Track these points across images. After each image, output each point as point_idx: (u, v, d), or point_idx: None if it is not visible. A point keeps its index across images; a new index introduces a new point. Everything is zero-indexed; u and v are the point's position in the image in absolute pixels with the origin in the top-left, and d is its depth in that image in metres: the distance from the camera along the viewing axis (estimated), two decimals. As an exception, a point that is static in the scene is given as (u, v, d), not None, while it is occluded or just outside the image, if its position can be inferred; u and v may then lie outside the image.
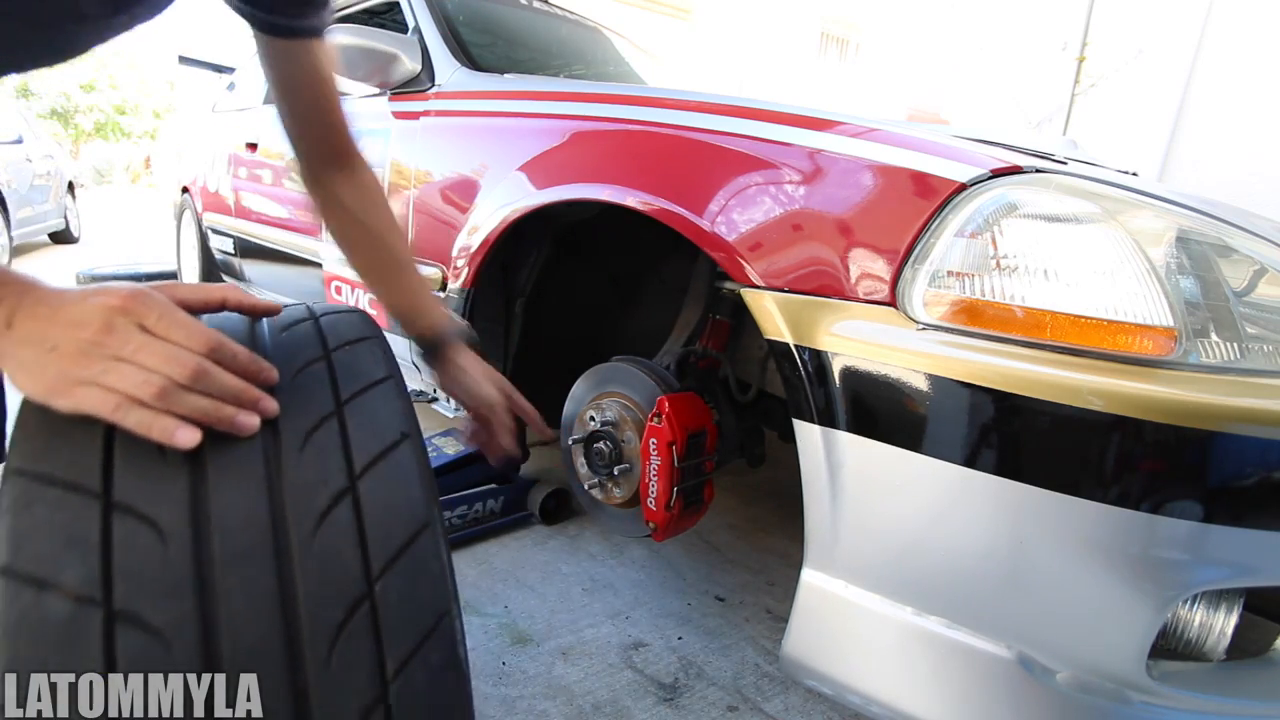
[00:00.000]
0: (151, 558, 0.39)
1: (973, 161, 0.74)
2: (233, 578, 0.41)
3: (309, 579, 0.42)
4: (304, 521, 0.44)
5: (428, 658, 0.45)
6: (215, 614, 0.41)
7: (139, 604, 0.40)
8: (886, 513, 0.70)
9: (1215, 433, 0.58)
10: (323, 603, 0.42)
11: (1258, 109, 4.51)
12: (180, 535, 0.40)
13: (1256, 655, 0.72)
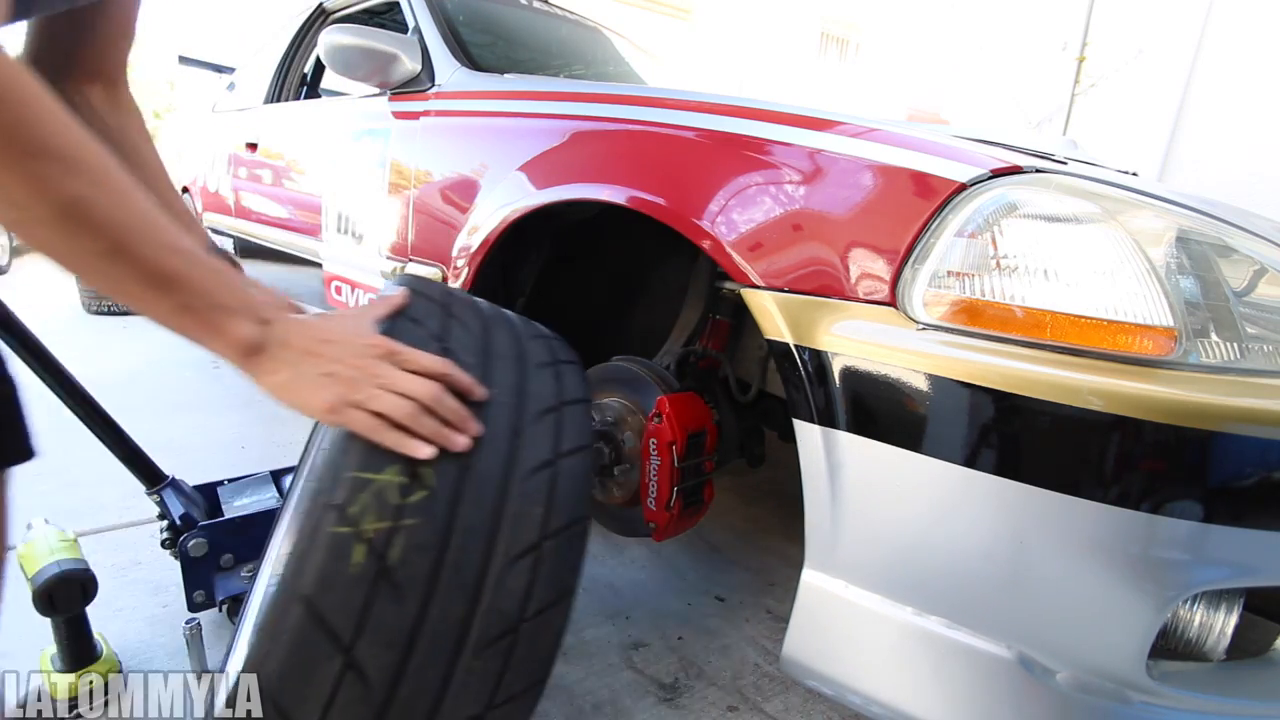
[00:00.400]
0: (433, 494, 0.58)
1: (973, 161, 0.74)
2: (469, 504, 0.58)
3: (511, 521, 0.60)
4: (520, 474, 0.62)
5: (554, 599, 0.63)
6: (454, 527, 0.58)
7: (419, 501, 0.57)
8: (887, 513, 0.70)
9: (1215, 433, 0.58)
10: (512, 541, 0.60)
11: (1258, 109, 4.51)
12: (446, 482, 0.58)
13: (1256, 655, 0.72)
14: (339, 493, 0.55)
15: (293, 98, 2.33)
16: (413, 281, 0.76)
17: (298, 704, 0.54)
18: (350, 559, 0.54)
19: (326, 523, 0.54)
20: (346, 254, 1.68)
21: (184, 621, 0.94)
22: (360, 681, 0.55)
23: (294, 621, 0.53)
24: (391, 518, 0.56)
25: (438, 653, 0.58)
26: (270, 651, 0.54)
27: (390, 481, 0.56)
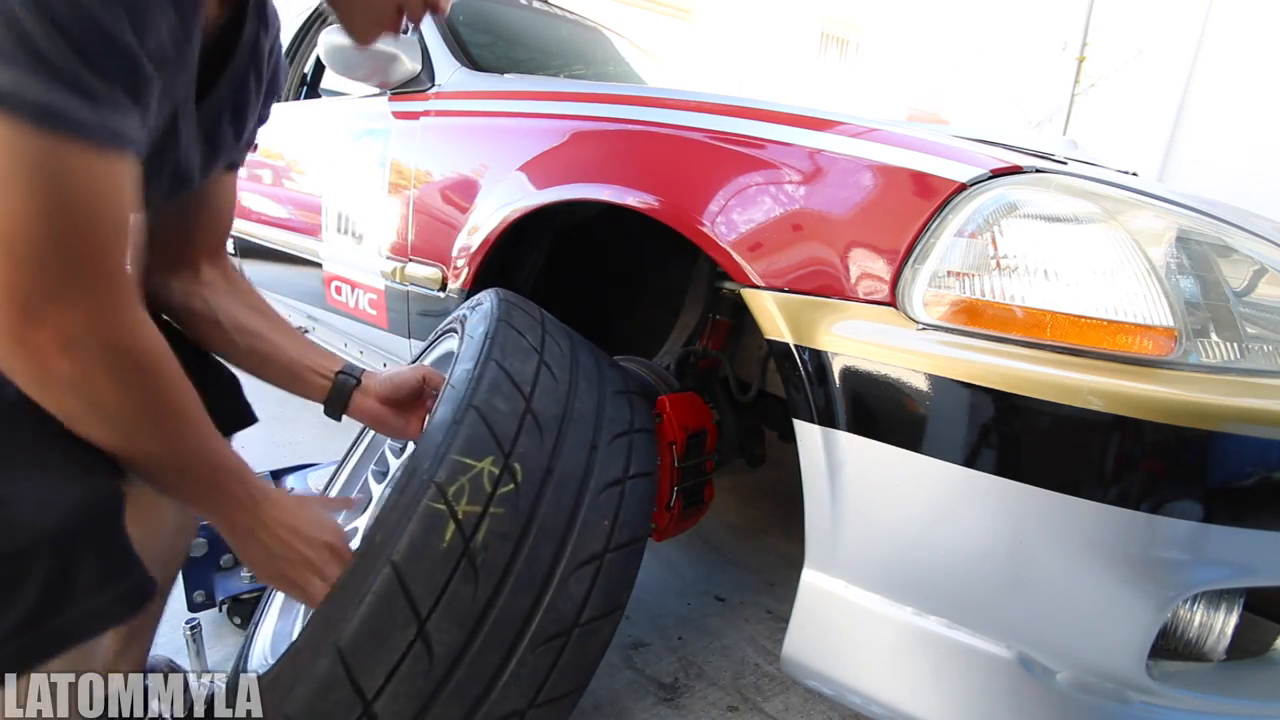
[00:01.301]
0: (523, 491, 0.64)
1: (973, 161, 0.74)
2: (548, 504, 0.65)
3: (581, 528, 0.67)
4: (594, 487, 0.69)
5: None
6: (533, 523, 0.64)
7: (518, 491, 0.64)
8: (887, 513, 0.70)
9: (1215, 433, 0.58)
10: (579, 547, 0.66)
11: (1258, 109, 4.51)
12: (532, 480, 0.65)
13: (1256, 655, 0.72)
14: (442, 472, 0.59)
15: (292, 98, 2.33)
16: (513, 296, 0.83)
17: (366, 665, 0.56)
18: (443, 535, 0.58)
19: (426, 497, 0.58)
20: (346, 254, 1.68)
21: (184, 621, 0.94)
22: (426, 655, 0.57)
23: (379, 585, 0.56)
24: (483, 503, 0.60)
25: (498, 641, 0.61)
26: (349, 609, 0.56)
27: (488, 469, 0.61)
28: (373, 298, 1.60)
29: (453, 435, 0.62)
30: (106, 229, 0.46)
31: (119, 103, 0.44)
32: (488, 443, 0.62)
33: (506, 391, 0.67)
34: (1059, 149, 1.09)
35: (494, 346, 0.71)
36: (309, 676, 0.57)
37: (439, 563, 0.58)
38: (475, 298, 0.92)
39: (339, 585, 0.60)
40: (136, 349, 0.48)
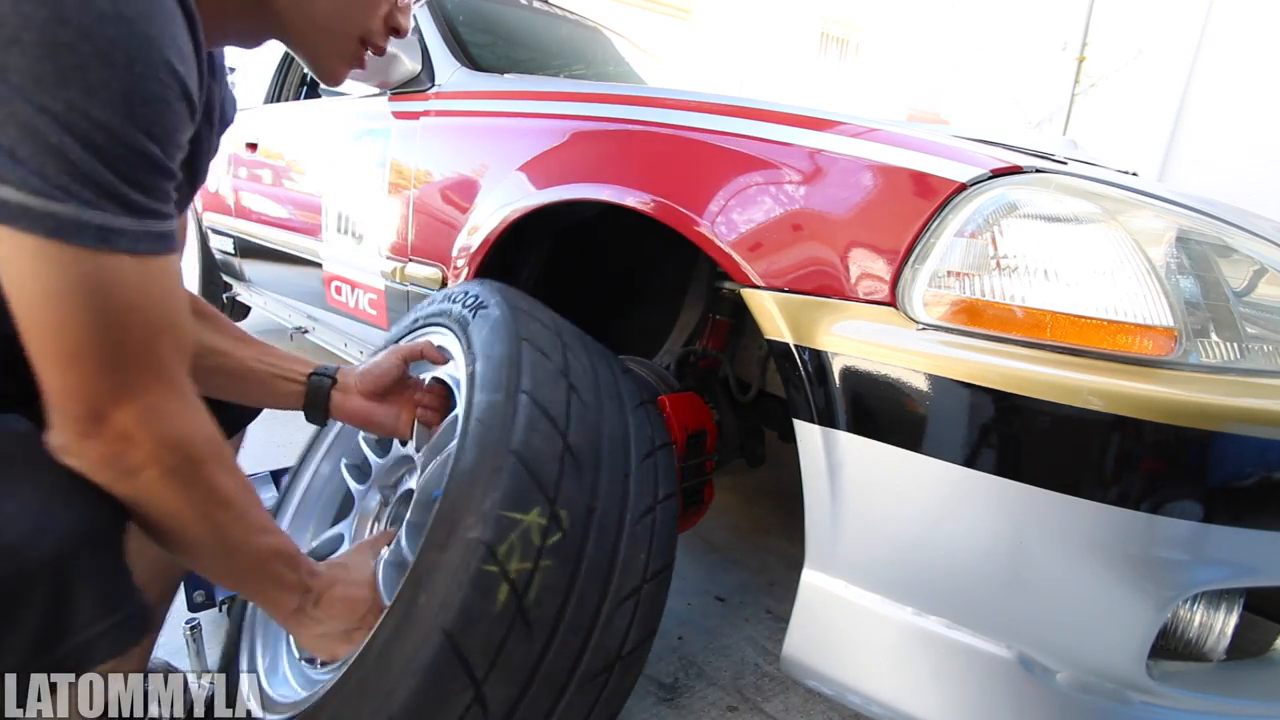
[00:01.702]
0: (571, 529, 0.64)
1: (973, 161, 0.74)
2: (593, 546, 0.64)
3: (622, 564, 0.66)
4: (630, 518, 0.68)
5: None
6: (580, 570, 0.63)
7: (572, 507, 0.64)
8: (887, 513, 0.70)
9: (1215, 433, 0.58)
10: (621, 583, 0.66)
11: (1258, 109, 4.51)
12: (578, 524, 0.64)
13: (1256, 655, 0.72)
14: (489, 531, 0.57)
15: (293, 98, 2.33)
16: (520, 299, 0.80)
17: None
18: (496, 598, 0.56)
19: (476, 560, 0.56)
20: (346, 254, 1.68)
21: (184, 621, 0.94)
22: (482, 714, 0.56)
23: (433, 656, 0.55)
24: (533, 559, 0.58)
25: (550, 687, 0.60)
26: (400, 679, 0.55)
27: (535, 522, 0.59)
28: (373, 298, 1.60)
29: (495, 487, 0.59)
30: (161, 329, 0.49)
31: (160, 212, 0.47)
32: (533, 492, 0.60)
33: (543, 430, 0.64)
34: (1059, 149, 1.09)
35: (522, 375, 0.67)
36: None
37: (494, 625, 0.56)
38: (466, 289, 0.88)
39: (381, 649, 0.58)
40: (186, 445, 0.51)
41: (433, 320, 0.91)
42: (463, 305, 0.85)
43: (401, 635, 0.57)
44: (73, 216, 0.42)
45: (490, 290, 0.83)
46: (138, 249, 0.46)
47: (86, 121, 0.41)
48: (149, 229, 0.47)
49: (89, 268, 0.44)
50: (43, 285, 0.44)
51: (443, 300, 0.92)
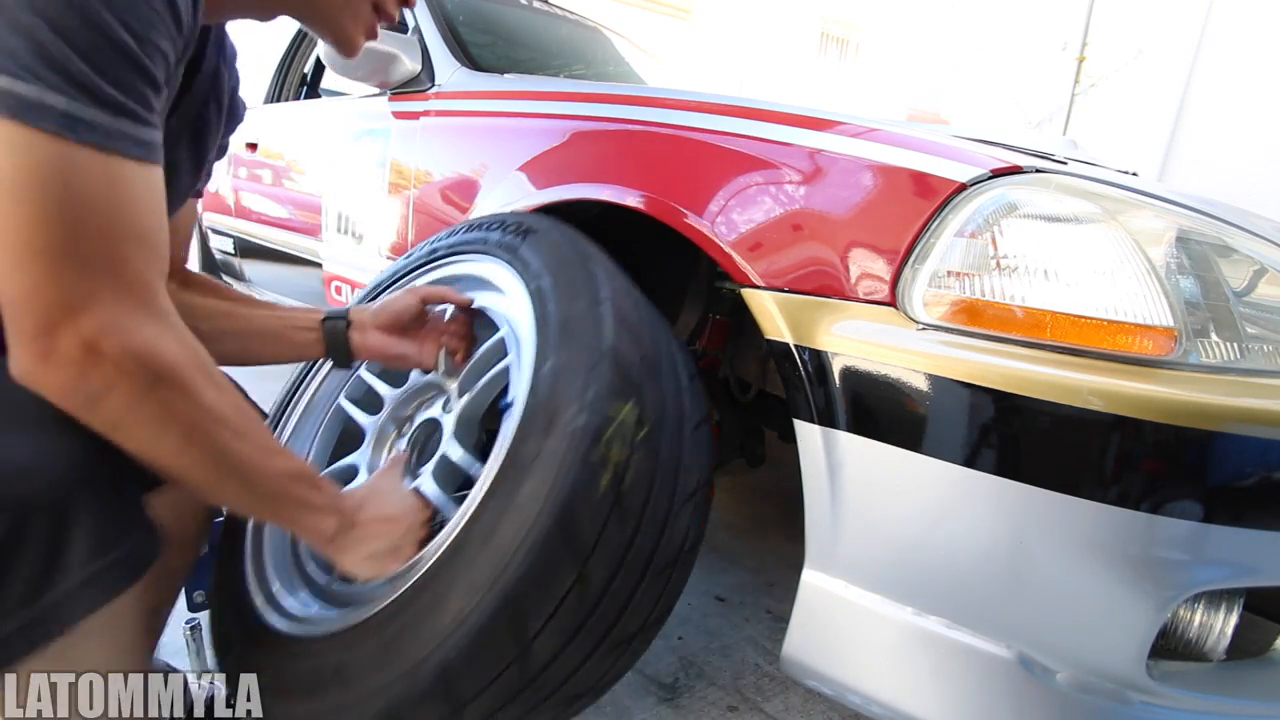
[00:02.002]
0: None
1: (973, 161, 0.74)
2: (666, 445, 0.68)
3: (685, 467, 0.70)
4: (688, 427, 0.72)
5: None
6: (658, 465, 0.66)
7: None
8: (887, 513, 0.70)
9: (1215, 433, 0.58)
10: (684, 484, 0.69)
11: (1258, 109, 4.51)
12: (656, 423, 0.67)
13: (1256, 655, 0.72)
14: (593, 420, 0.61)
15: (292, 98, 2.33)
16: (573, 230, 0.83)
17: (533, 609, 0.58)
18: (600, 483, 0.60)
19: (584, 447, 0.60)
20: (346, 254, 1.68)
21: (184, 621, 0.94)
22: (582, 594, 0.60)
23: (543, 530, 0.58)
24: (628, 449, 0.62)
25: (631, 574, 0.64)
26: (513, 560, 0.58)
27: (629, 416, 0.63)
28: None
29: (595, 380, 0.63)
30: (125, 236, 0.45)
31: (135, 113, 0.45)
32: (626, 388, 0.64)
33: (626, 333, 0.68)
34: (1059, 149, 1.09)
35: (600, 285, 0.71)
36: (465, 628, 0.57)
37: (597, 508, 0.60)
38: (499, 219, 0.89)
39: (483, 536, 0.61)
40: (157, 359, 0.47)
41: (461, 249, 0.91)
42: (503, 232, 0.87)
43: (506, 520, 0.60)
44: (36, 98, 0.40)
45: (529, 217, 0.86)
46: (108, 145, 0.43)
47: (59, 6, 0.39)
48: (123, 129, 0.44)
49: (48, 153, 0.41)
50: (6, 178, 0.41)
51: (468, 231, 0.92)
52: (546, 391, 0.65)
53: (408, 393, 0.90)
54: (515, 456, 0.63)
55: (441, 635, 0.57)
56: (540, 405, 0.65)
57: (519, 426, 0.65)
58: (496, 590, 0.57)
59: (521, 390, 0.68)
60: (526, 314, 0.76)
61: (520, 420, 0.65)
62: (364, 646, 0.61)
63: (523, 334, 0.76)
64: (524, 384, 0.68)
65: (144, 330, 0.46)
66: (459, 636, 0.57)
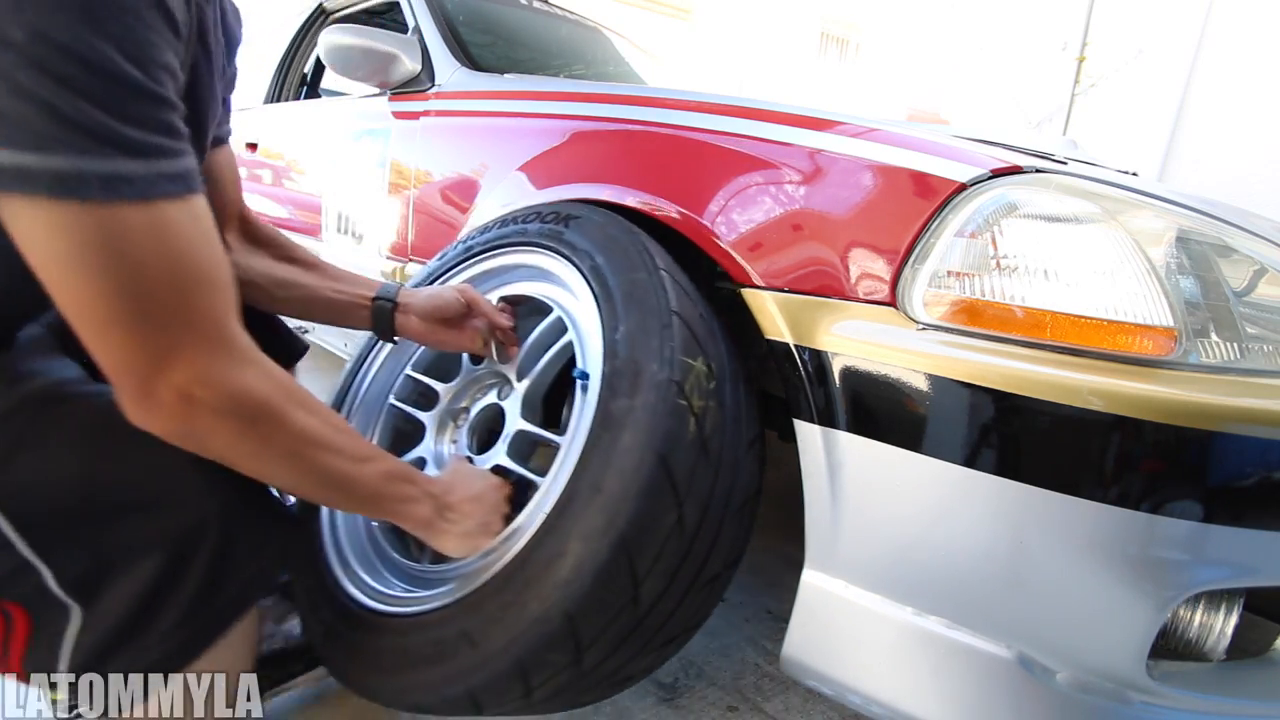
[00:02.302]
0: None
1: (973, 161, 0.74)
2: (729, 397, 0.75)
3: (742, 420, 0.77)
4: (736, 383, 0.78)
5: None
6: (725, 415, 0.73)
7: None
8: (887, 513, 0.70)
9: (1215, 433, 0.58)
10: (745, 433, 0.77)
11: (1258, 109, 4.51)
12: (721, 375, 0.75)
13: (1256, 655, 0.72)
14: (676, 372, 0.67)
15: (292, 98, 2.33)
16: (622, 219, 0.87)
17: (643, 551, 0.63)
18: (688, 427, 0.66)
19: (673, 395, 0.66)
20: (346, 254, 1.68)
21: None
22: (680, 534, 0.65)
23: (648, 474, 0.63)
24: (705, 398, 0.69)
25: (715, 514, 0.69)
26: (624, 506, 0.62)
27: (701, 368, 0.70)
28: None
29: (670, 338, 0.69)
30: (189, 283, 0.46)
31: (164, 148, 0.44)
32: (696, 344, 0.71)
33: (685, 297, 0.76)
34: (1059, 149, 1.09)
35: (654, 256, 0.79)
36: (586, 572, 0.61)
37: (688, 451, 0.66)
38: (535, 210, 0.94)
39: (589, 487, 0.65)
40: (249, 399, 0.49)
41: (499, 243, 0.95)
42: (542, 222, 0.92)
43: (610, 471, 0.64)
44: (71, 169, 0.39)
45: (565, 205, 0.92)
46: (149, 194, 0.42)
47: (52, 51, 0.37)
48: (159, 170, 0.43)
49: (95, 223, 0.41)
50: (57, 252, 0.41)
51: (503, 225, 0.97)
52: (625, 354, 0.70)
53: (462, 383, 0.95)
54: (606, 414, 0.68)
55: (564, 584, 0.62)
56: (622, 366, 0.70)
57: (603, 388, 0.70)
58: (611, 535, 0.62)
59: (595, 357, 0.74)
60: (583, 291, 0.81)
61: (603, 382, 0.70)
62: (485, 609, 0.65)
63: (579, 311, 0.83)
64: (598, 351, 0.74)
65: (231, 374, 0.48)
66: (580, 583, 0.61)
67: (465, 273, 0.99)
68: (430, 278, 1.03)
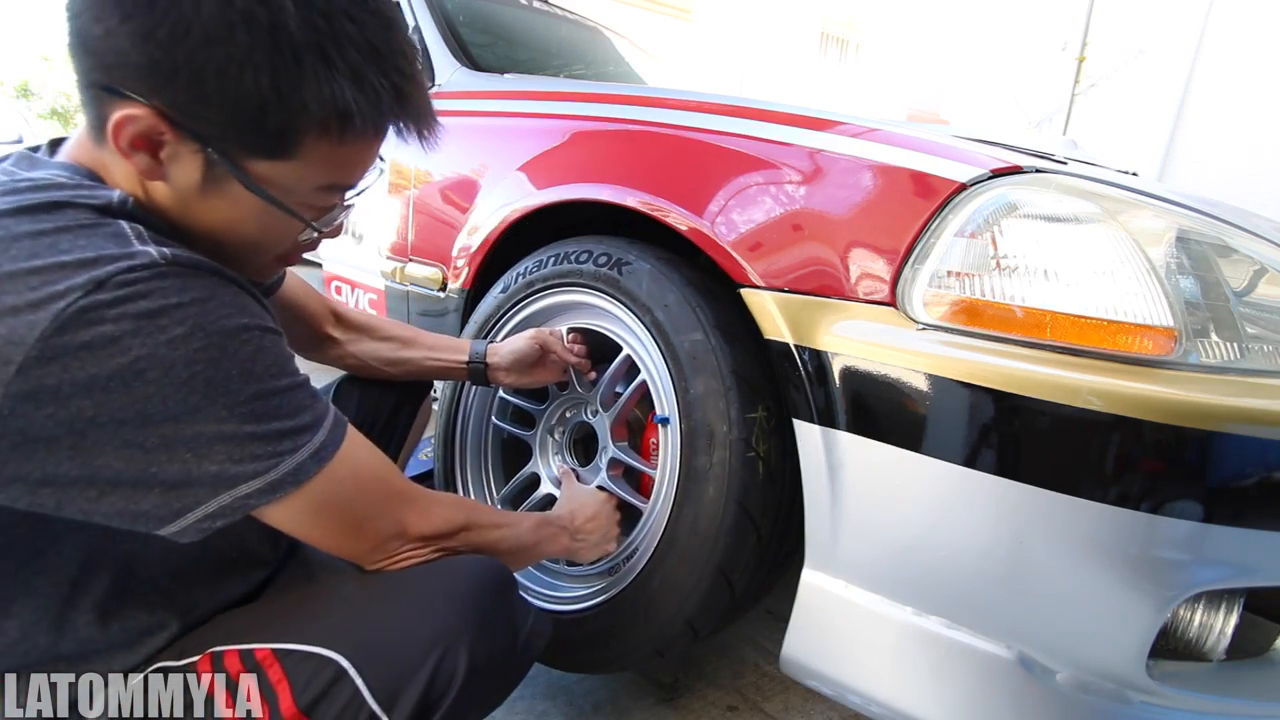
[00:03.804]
0: None
1: (973, 161, 0.74)
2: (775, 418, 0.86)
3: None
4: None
5: None
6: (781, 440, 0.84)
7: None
8: (886, 513, 0.70)
9: (1215, 433, 0.58)
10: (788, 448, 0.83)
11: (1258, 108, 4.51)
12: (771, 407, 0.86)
13: (1256, 655, 0.72)
14: (743, 430, 0.81)
15: (293, 98, 2.33)
16: (650, 250, 0.94)
17: (736, 566, 0.82)
18: (759, 472, 0.81)
19: (741, 450, 0.80)
20: (346, 254, 1.68)
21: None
22: (759, 544, 0.83)
23: (732, 519, 0.80)
24: (768, 439, 0.82)
25: (784, 516, 0.85)
26: (717, 543, 0.81)
27: (762, 415, 0.82)
28: (373, 298, 1.60)
29: (734, 401, 0.82)
30: (382, 489, 0.60)
31: (319, 409, 0.55)
32: (755, 395, 0.82)
33: (739, 349, 0.84)
34: (1059, 149, 1.09)
35: (703, 314, 0.86)
36: (696, 592, 0.82)
37: (761, 490, 0.81)
38: (586, 249, 1.00)
39: (688, 533, 0.83)
40: (447, 529, 0.65)
41: (558, 282, 1.03)
42: (595, 264, 0.98)
43: (701, 517, 0.82)
44: (293, 466, 0.51)
45: (613, 245, 0.98)
46: (335, 445, 0.55)
47: (239, 404, 0.49)
48: (336, 431, 0.55)
49: (319, 487, 0.54)
50: (297, 517, 0.54)
51: (557, 263, 1.03)
52: (699, 415, 0.83)
53: (554, 405, 1.11)
54: (690, 469, 0.83)
55: (683, 597, 0.83)
56: (697, 427, 0.83)
57: (684, 444, 0.85)
58: (711, 564, 0.81)
59: (673, 410, 0.87)
60: (649, 342, 0.91)
61: (684, 439, 0.85)
62: (631, 609, 0.87)
63: (648, 358, 0.93)
64: (674, 405, 0.87)
65: (422, 523, 0.62)
66: (694, 599, 0.83)
67: (530, 307, 1.07)
68: (500, 311, 1.10)
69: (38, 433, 0.43)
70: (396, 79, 0.53)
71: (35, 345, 0.42)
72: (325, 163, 0.53)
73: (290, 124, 0.49)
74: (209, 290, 0.48)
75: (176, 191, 0.51)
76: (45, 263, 0.44)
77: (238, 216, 0.54)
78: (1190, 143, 4.87)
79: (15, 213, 0.46)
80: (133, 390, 0.44)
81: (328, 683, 0.53)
